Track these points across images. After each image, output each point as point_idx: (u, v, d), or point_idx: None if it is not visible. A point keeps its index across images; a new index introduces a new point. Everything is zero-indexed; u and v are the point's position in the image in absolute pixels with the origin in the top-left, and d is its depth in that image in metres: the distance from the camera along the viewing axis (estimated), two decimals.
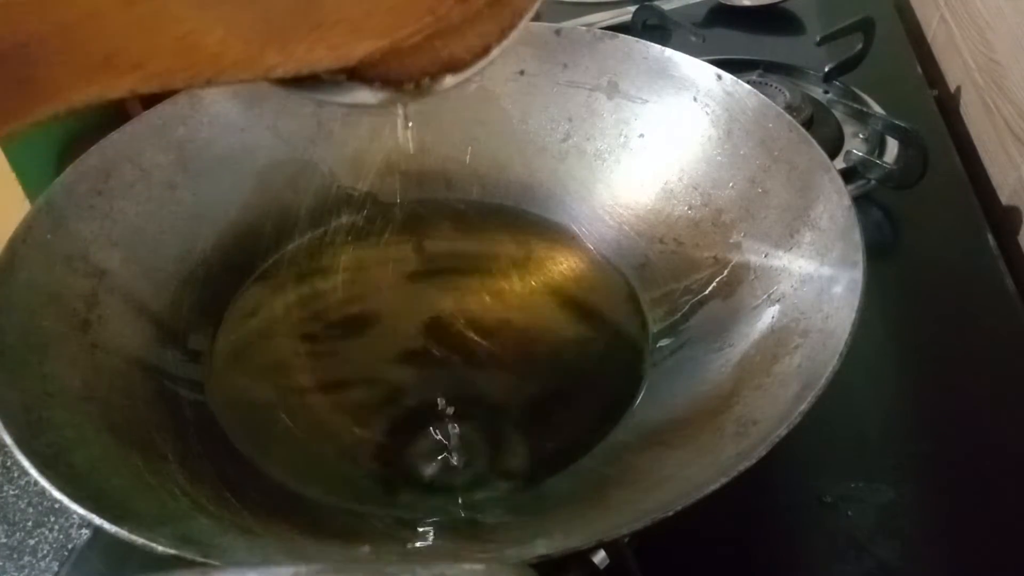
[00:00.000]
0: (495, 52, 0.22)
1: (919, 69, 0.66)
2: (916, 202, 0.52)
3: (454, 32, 0.21)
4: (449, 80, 0.22)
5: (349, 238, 0.48)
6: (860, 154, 0.53)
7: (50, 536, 0.37)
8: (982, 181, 0.57)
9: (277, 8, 0.19)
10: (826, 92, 0.61)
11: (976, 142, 0.60)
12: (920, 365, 0.45)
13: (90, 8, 0.17)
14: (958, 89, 0.64)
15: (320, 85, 0.21)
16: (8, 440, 0.29)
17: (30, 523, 0.37)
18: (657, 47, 0.46)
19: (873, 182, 0.53)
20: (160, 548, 0.26)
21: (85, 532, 0.39)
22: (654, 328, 0.42)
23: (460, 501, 0.35)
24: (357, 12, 0.19)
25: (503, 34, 0.22)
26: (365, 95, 0.21)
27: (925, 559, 0.36)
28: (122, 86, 0.18)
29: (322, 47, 0.19)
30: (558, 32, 0.48)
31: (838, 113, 0.59)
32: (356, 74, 0.21)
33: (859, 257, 0.34)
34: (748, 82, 0.43)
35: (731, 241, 0.42)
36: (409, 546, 0.33)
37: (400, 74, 0.21)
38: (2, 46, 0.17)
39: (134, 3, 0.17)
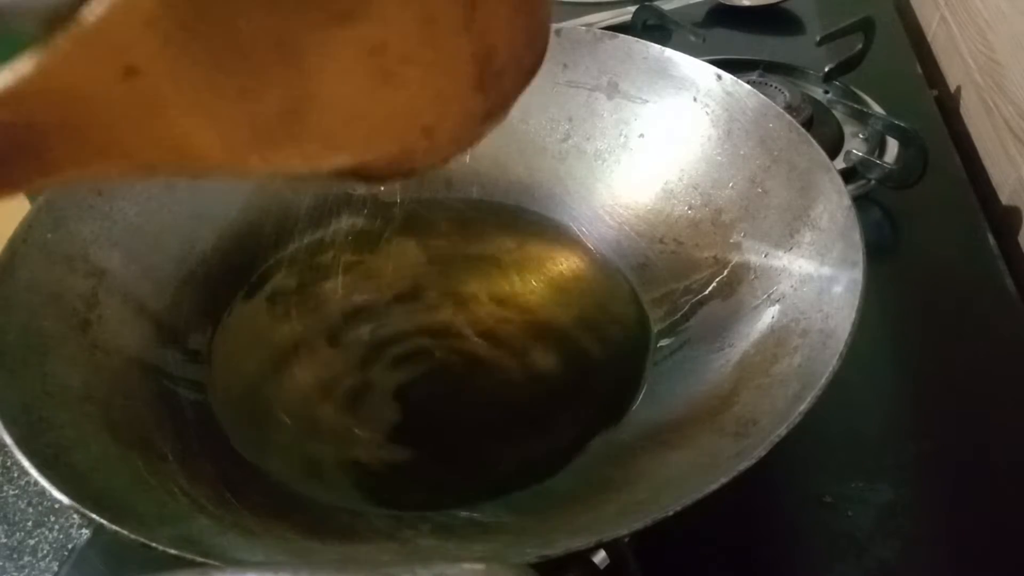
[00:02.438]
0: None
1: (919, 69, 0.66)
2: (916, 202, 0.52)
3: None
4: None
5: (349, 238, 0.48)
6: (860, 154, 0.53)
7: (50, 536, 0.37)
8: (982, 181, 0.57)
9: (261, 119, 0.20)
10: (826, 92, 0.61)
11: (976, 142, 0.60)
12: (920, 365, 0.45)
13: (96, 106, 0.19)
14: (958, 89, 0.64)
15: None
16: (8, 440, 0.29)
17: (30, 523, 0.37)
18: (657, 47, 0.46)
19: (873, 182, 0.53)
20: (160, 548, 0.26)
21: (85, 532, 0.39)
22: (654, 328, 0.42)
23: (460, 501, 0.35)
24: (334, 131, 0.21)
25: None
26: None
27: (925, 559, 0.36)
28: (114, 171, 0.20)
29: (298, 157, 0.21)
30: (558, 32, 0.48)
31: (838, 113, 0.59)
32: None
33: (859, 257, 0.34)
34: (748, 82, 0.43)
35: (731, 241, 0.42)
36: (409, 546, 0.33)
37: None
38: (14, 127, 0.18)
39: (135, 106, 0.19)
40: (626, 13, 0.71)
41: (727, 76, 0.44)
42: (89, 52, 0.18)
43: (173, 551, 0.26)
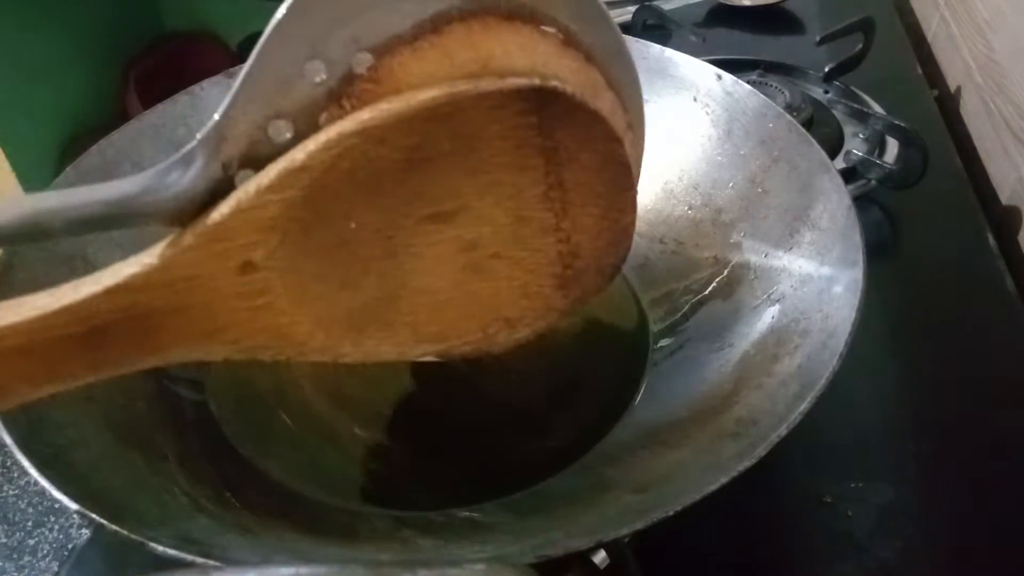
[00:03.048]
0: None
1: (919, 69, 0.66)
2: (916, 202, 0.52)
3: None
4: None
5: None
6: (860, 154, 0.53)
7: (50, 536, 0.37)
8: (982, 181, 0.57)
9: (359, 308, 0.22)
10: (826, 92, 0.61)
11: (976, 142, 0.60)
12: (920, 365, 0.45)
13: (210, 296, 0.20)
14: (958, 89, 0.64)
15: None
16: (8, 440, 0.29)
17: (30, 523, 0.37)
18: (657, 47, 0.46)
19: (873, 182, 0.53)
20: (160, 548, 0.26)
21: (85, 532, 0.39)
22: (654, 328, 0.42)
23: (460, 501, 0.35)
24: (424, 319, 0.23)
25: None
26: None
27: (925, 559, 0.36)
28: (218, 354, 0.21)
29: (388, 344, 0.23)
30: None
31: (838, 113, 0.59)
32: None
33: (859, 257, 0.34)
34: (748, 82, 0.43)
35: (731, 241, 0.42)
36: (409, 546, 0.33)
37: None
38: (135, 309, 0.20)
39: (247, 297, 0.21)
40: (626, 13, 0.71)
41: (727, 76, 0.44)
42: (212, 248, 0.20)
43: (173, 551, 0.26)
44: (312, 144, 0.20)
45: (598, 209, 0.24)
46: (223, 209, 0.20)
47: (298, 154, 0.20)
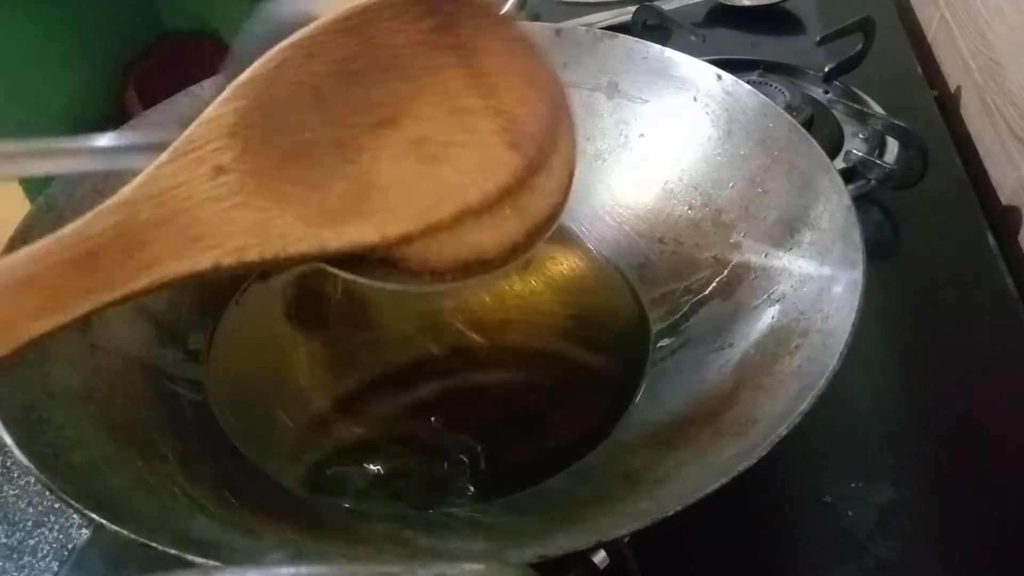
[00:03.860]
0: (522, 256, 0.29)
1: (919, 69, 0.66)
2: (916, 202, 0.52)
3: (482, 228, 0.28)
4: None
5: None
6: (860, 154, 0.53)
7: (50, 536, 0.37)
8: (982, 181, 0.57)
9: (332, 200, 0.24)
10: (826, 92, 0.61)
11: (976, 142, 0.60)
12: (920, 365, 0.45)
13: (192, 202, 0.23)
14: (958, 89, 0.64)
15: (373, 274, 0.27)
16: (8, 440, 0.29)
17: (30, 523, 0.37)
18: (657, 47, 0.46)
19: (873, 182, 0.53)
20: (160, 548, 0.26)
21: (85, 532, 0.39)
22: (654, 328, 0.42)
23: (460, 501, 0.35)
24: (396, 205, 0.25)
25: (530, 238, 0.29)
26: (410, 285, 0.28)
27: (925, 559, 0.36)
28: (206, 260, 0.23)
29: (367, 227, 0.25)
30: (558, 32, 0.48)
31: (838, 113, 0.59)
32: (401, 268, 0.28)
33: (859, 257, 0.34)
34: (748, 82, 0.43)
35: (731, 241, 0.42)
36: (409, 546, 0.33)
37: (437, 269, 0.28)
38: (124, 225, 0.22)
39: (224, 198, 0.23)
40: (626, 13, 0.71)
41: (727, 76, 0.44)
42: (185, 158, 0.23)
43: (173, 551, 0.26)
44: (258, 60, 0.24)
45: (518, 80, 0.27)
46: (190, 126, 0.23)
47: (247, 70, 0.24)
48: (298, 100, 0.24)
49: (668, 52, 0.45)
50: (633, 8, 0.70)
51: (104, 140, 0.30)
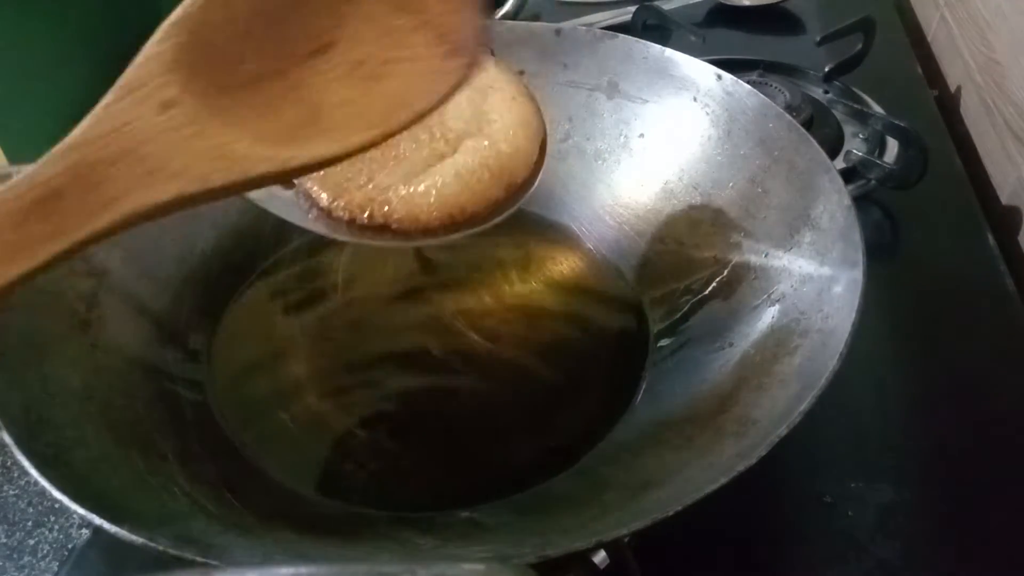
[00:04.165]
0: (505, 211, 0.34)
1: (919, 69, 0.66)
2: (916, 202, 0.52)
3: (463, 187, 0.32)
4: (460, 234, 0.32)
5: None
6: (860, 154, 0.53)
7: (50, 536, 0.37)
8: (982, 181, 0.57)
9: (287, 122, 0.24)
10: (826, 92, 0.61)
11: (976, 142, 0.60)
12: (920, 365, 0.45)
13: (145, 136, 0.22)
14: (958, 89, 0.64)
15: (370, 236, 0.29)
16: (8, 440, 0.29)
17: (30, 523, 0.37)
18: (657, 47, 0.46)
19: (873, 182, 0.53)
20: (160, 548, 0.26)
21: (85, 532, 0.39)
22: (654, 328, 0.42)
23: (460, 501, 0.35)
24: (350, 121, 0.25)
25: (509, 194, 0.34)
26: (405, 242, 0.32)
27: (925, 559, 0.36)
28: (170, 191, 0.22)
29: (329, 143, 0.25)
30: (558, 32, 0.48)
31: (838, 113, 0.59)
32: (395, 229, 0.31)
33: (859, 257, 0.34)
34: (748, 82, 0.43)
35: (731, 241, 0.42)
36: (409, 546, 0.33)
37: (428, 226, 0.31)
38: (78, 168, 0.22)
39: (177, 130, 0.23)
40: (626, 13, 0.71)
41: (727, 76, 0.44)
42: (131, 97, 0.23)
43: (173, 551, 0.26)
44: (183, 2, 0.25)
45: (445, 6, 0.27)
46: (127, 69, 0.23)
47: (175, 11, 0.24)
48: (231, 35, 0.25)
49: (668, 52, 0.45)
50: (633, 8, 0.70)
51: None
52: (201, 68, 0.24)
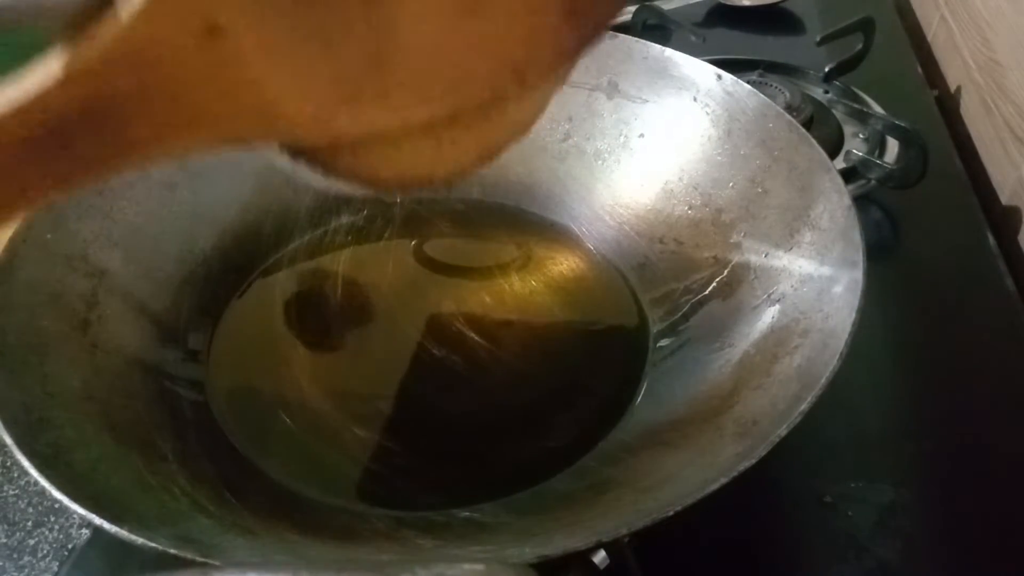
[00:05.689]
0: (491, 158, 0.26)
1: (919, 69, 0.66)
2: (916, 202, 0.52)
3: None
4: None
5: (349, 238, 0.48)
6: (860, 154, 0.53)
7: (50, 536, 0.37)
8: (982, 181, 0.57)
9: (348, 72, 0.19)
10: (826, 92, 0.61)
11: (976, 142, 0.60)
12: (920, 365, 0.45)
13: (178, 71, 0.18)
14: (958, 89, 0.64)
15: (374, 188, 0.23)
16: (8, 440, 0.29)
17: (30, 523, 0.37)
18: (657, 47, 0.46)
19: (873, 182, 0.53)
20: (160, 548, 0.26)
21: (85, 532, 0.39)
22: (654, 328, 0.42)
23: (460, 501, 0.35)
24: (422, 75, 0.20)
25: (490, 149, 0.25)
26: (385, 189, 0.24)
27: (925, 559, 0.36)
28: (202, 143, 0.19)
29: (387, 111, 0.20)
30: None
31: (838, 113, 0.59)
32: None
33: (859, 257, 0.34)
34: (748, 82, 0.43)
35: (731, 241, 0.42)
36: (409, 546, 0.33)
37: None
38: (96, 100, 0.17)
39: (220, 68, 0.18)
40: (626, 13, 0.71)
41: (727, 76, 0.44)
42: (170, 9, 0.17)
43: (173, 551, 0.26)
44: None
45: None
46: None
47: None
48: None
49: (668, 52, 0.45)
50: (633, 8, 0.70)
51: None
52: None
